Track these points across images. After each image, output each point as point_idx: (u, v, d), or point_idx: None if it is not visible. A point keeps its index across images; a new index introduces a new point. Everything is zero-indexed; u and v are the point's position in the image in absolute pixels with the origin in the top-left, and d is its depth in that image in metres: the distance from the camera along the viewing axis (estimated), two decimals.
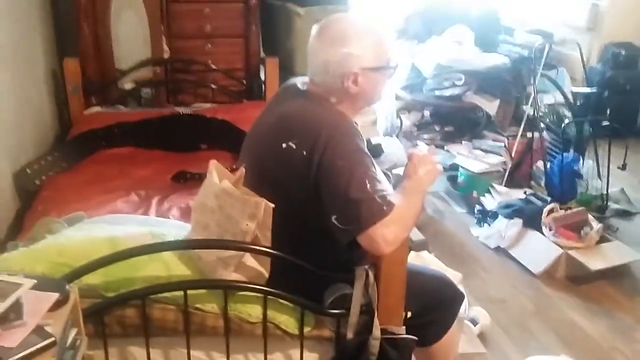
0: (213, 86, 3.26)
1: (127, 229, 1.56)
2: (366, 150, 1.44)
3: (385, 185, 1.41)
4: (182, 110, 2.89)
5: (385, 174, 2.50)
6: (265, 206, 1.38)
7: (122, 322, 1.41)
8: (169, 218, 2.00)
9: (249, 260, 1.44)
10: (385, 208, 1.34)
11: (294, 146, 1.41)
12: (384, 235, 1.33)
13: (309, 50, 1.52)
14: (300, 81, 1.59)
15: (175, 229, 1.67)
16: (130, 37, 3.06)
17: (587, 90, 3.67)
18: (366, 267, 1.43)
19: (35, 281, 1.07)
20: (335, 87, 1.47)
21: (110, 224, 1.63)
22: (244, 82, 3.31)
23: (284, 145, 1.42)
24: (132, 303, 1.40)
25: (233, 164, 2.42)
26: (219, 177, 1.47)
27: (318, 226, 1.43)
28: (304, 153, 1.39)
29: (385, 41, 1.50)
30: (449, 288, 1.71)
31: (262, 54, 3.37)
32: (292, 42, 3.30)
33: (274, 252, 1.42)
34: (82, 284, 1.35)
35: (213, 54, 3.25)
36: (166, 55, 3.14)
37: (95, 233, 1.53)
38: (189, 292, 1.40)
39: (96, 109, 3.01)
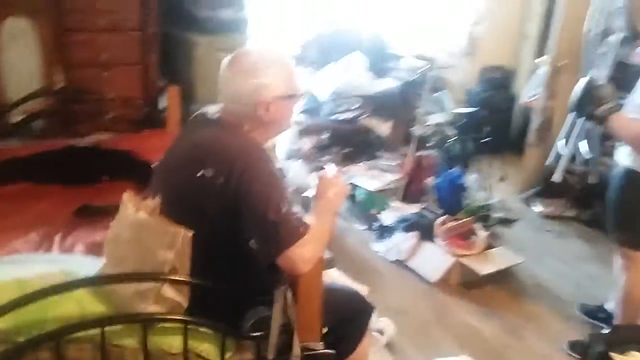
0: (110, 115, 3.19)
1: (35, 269, 1.52)
2: (279, 175, 1.53)
3: (297, 208, 1.50)
4: (77, 142, 2.80)
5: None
6: (184, 235, 1.42)
7: None
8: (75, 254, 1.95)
9: (168, 291, 1.45)
10: (301, 229, 1.42)
11: (209, 174, 1.45)
12: (302, 254, 1.41)
13: (220, 80, 1.58)
14: (210, 110, 1.64)
15: (87, 264, 1.65)
16: (22, 67, 2.93)
17: (468, 110, 4.03)
18: (284, 288, 1.50)
19: None
20: (248, 116, 1.54)
21: (16, 264, 1.57)
22: (144, 110, 3.26)
23: (199, 173, 1.46)
24: (46, 345, 1.36)
25: (137, 195, 2.41)
26: (135, 208, 1.47)
27: (236, 252, 1.49)
28: (221, 180, 1.44)
29: (293, 70, 1.61)
30: (358, 300, 1.82)
31: (162, 83, 3.35)
32: (193, 71, 3.31)
33: (194, 281, 1.45)
34: None
35: (110, 83, 3.17)
36: (60, 85, 3.03)
37: (1, 276, 1.47)
38: (106, 329, 1.39)
39: None
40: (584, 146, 2.66)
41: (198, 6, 3.20)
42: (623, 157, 2.16)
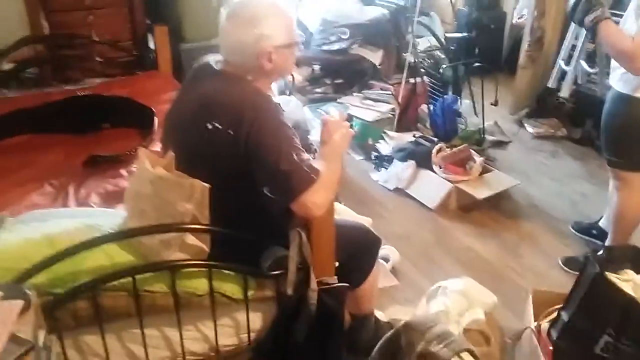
0: (99, 59, 3.16)
1: (60, 224, 1.58)
2: (287, 122, 1.56)
3: (308, 155, 1.55)
4: (75, 90, 2.79)
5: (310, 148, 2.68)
6: (201, 187, 1.47)
7: (75, 314, 1.46)
8: (90, 205, 2.01)
9: (190, 238, 1.53)
10: (312, 176, 1.48)
11: (219, 126, 1.49)
12: (314, 200, 1.47)
13: (220, 31, 1.58)
14: (213, 60, 1.65)
15: (108, 217, 1.70)
16: (5, 15, 2.86)
17: (459, 35, 4.00)
18: (298, 229, 1.58)
19: (1, 293, 1.10)
20: (251, 66, 1.56)
21: (40, 221, 1.62)
22: (134, 52, 3.22)
23: (209, 126, 1.49)
24: (83, 295, 1.44)
25: (142, 142, 2.46)
26: (151, 164, 1.52)
27: (251, 199, 1.54)
28: (230, 132, 1.48)
29: (292, 19, 1.61)
30: (367, 235, 1.92)
31: (149, 22, 3.30)
32: (180, 9, 3.24)
33: (214, 228, 1.52)
34: (28, 285, 1.37)
35: (96, 26, 3.13)
36: (46, 32, 2.97)
37: (29, 233, 1.53)
38: (137, 277, 1.47)
39: None
40: (584, 64, 2.68)
41: None
42: (615, 80, 2.19)
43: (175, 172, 1.51)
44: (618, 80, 2.17)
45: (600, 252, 2.24)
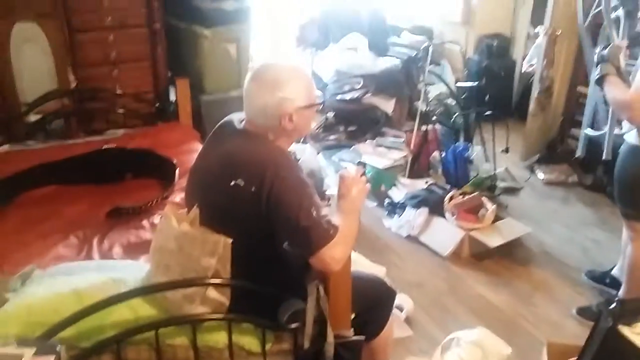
0: (122, 111, 3.29)
1: (87, 278, 1.64)
2: (307, 180, 1.63)
3: (326, 210, 1.61)
4: (99, 142, 2.90)
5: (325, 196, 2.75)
6: (224, 242, 1.54)
7: None
8: (113, 257, 2.08)
9: (212, 293, 1.59)
10: (331, 232, 1.53)
11: (242, 183, 1.56)
12: (332, 255, 1.53)
13: (245, 93, 1.68)
14: (237, 119, 1.74)
15: (133, 270, 1.77)
16: (35, 69, 3.01)
17: (470, 84, 4.11)
18: (316, 282, 1.63)
19: (35, 348, 1.16)
20: (273, 126, 1.64)
21: (67, 275, 1.69)
22: (156, 104, 3.36)
23: (232, 183, 1.56)
24: (108, 349, 1.50)
25: (164, 193, 2.54)
26: (176, 221, 1.59)
27: (271, 253, 1.61)
28: (253, 189, 1.55)
29: (311, 81, 1.70)
30: (382, 287, 1.96)
31: (170, 75, 3.44)
32: (201, 62, 3.38)
33: (235, 283, 1.58)
34: (56, 339, 1.43)
35: (121, 80, 3.27)
36: (73, 85, 3.11)
37: (57, 287, 1.60)
38: (160, 330, 1.53)
39: (4, 147, 2.94)
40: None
41: None
42: (627, 132, 2.24)
43: (200, 228, 1.58)
44: (631, 131, 2.22)
45: (614, 305, 2.26)
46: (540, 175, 3.94)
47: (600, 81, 2.19)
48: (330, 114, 4.17)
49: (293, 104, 1.62)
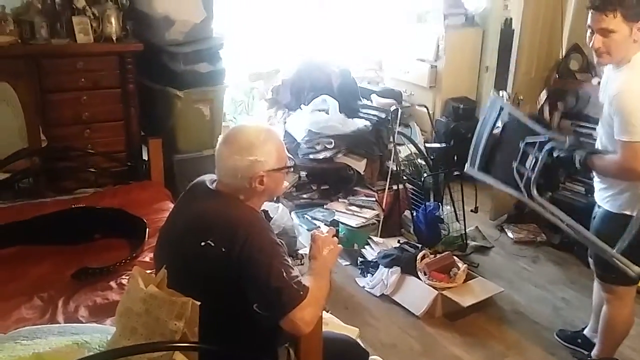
0: (93, 170, 3.27)
1: (50, 342, 1.59)
2: (278, 240, 1.63)
3: (298, 270, 1.61)
4: (72, 202, 2.87)
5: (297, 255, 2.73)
6: (192, 304, 1.51)
7: None
8: (79, 319, 2.01)
9: (179, 357, 1.54)
10: (301, 293, 1.53)
11: (212, 244, 1.55)
12: (303, 317, 1.52)
13: (216, 155, 1.70)
14: (209, 179, 1.75)
15: (97, 333, 1.72)
16: (5, 128, 3.01)
17: (438, 145, 4.22)
18: (287, 345, 1.61)
19: None
20: (244, 187, 1.66)
21: (30, 339, 1.63)
22: (128, 163, 3.35)
23: (202, 243, 1.56)
24: None
25: (133, 252, 2.50)
26: (144, 282, 1.56)
27: (240, 314, 1.59)
28: (223, 250, 1.54)
29: (282, 145, 1.73)
30: (355, 349, 1.95)
31: (143, 134, 3.45)
32: (174, 122, 3.40)
33: (203, 346, 1.54)
34: None
35: (93, 139, 3.26)
36: (44, 144, 3.10)
37: (19, 352, 1.54)
38: None
39: None
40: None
41: (176, 62, 3.31)
42: (602, 200, 2.29)
43: (168, 290, 1.55)
44: (605, 200, 2.28)
45: None
46: (510, 234, 4.00)
47: (585, 166, 2.19)
48: (303, 173, 4.20)
49: (264, 166, 1.64)
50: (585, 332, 2.73)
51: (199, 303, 1.51)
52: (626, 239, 2.15)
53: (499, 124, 2.66)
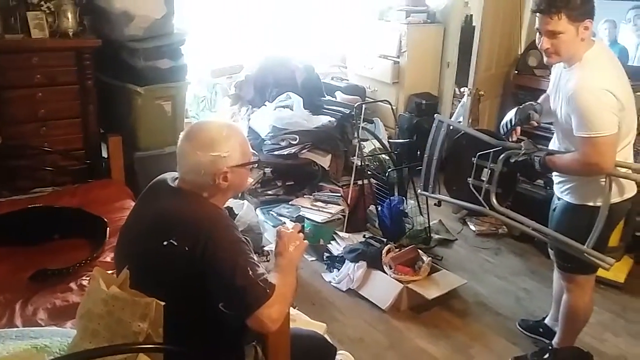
0: (50, 169, 3.18)
1: (7, 347, 1.53)
2: (242, 238, 1.61)
3: (262, 268, 1.59)
4: (29, 202, 2.78)
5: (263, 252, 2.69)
6: (156, 305, 1.48)
7: None
8: (38, 322, 1.95)
9: (143, 358, 1.51)
10: (268, 291, 1.51)
11: (175, 243, 1.52)
12: (269, 315, 1.50)
13: (178, 152, 1.66)
14: (170, 177, 1.72)
15: (57, 336, 1.67)
16: None
17: (402, 140, 4.25)
18: (254, 343, 1.59)
19: None
20: (207, 184, 1.63)
21: None
22: (86, 161, 3.26)
23: (165, 242, 1.52)
24: None
25: (93, 253, 2.44)
26: (105, 283, 1.52)
27: (206, 314, 1.56)
28: (186, 248, 1.51)
29: (245, 140, 1.71)
30: (322, 345, 1.94)
31: (102, 132, 3.37)
32: (134, 119, 3.33)
33: (168, 347, 1.51)
34: None
35: (50, 137, 3.17)
36: None
37: None
38: None
39: None
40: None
41: (136, 58, 3.23)
42: (562, 193, 2.34)
43: (130, 291, 1.51)
44: (565, 192, 2.32)
45: (547, 355, 2.33)
46: (472, 227, 4.07)
47: (545, 167, 2.24)
48: (268, 169, 4.18)
49: (227, 162, 1.62)
50: (546, 321, 2.80)
51: (163, 303, 1.48)
52: (595, 233, 2.19)
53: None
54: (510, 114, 2.43)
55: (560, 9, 2.01)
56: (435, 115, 3.21)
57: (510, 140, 2.46)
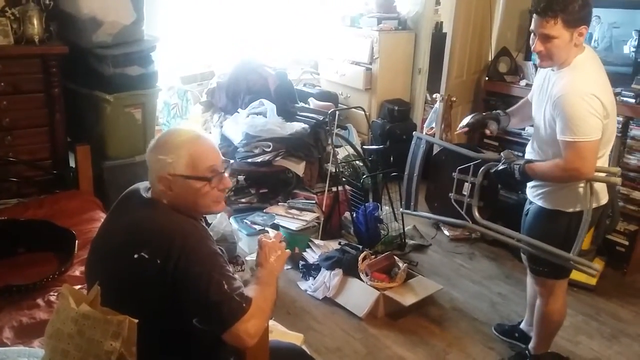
0: (15, 179, 3.07)
1: None
2: (218, 250, 1.57)
3: (239, 280, 1.55)
4: None
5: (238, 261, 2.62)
6: (129, 323, 1.42)
7: None
8: (4, 342, 1.87)
9: None
10: (244, 305, 1.46)
11: (146, 256, 1.47)
12: (246, 330, 1.45)
13: (146, 160, 1.63)
14: (143, 187, 1.66)
15: (24, 357, 1.60)
16: None
17: (375, 147, 4.26)
18: (232, 358, 1.55)
19: None
20: (159, 191, 1.58)
21: None
22: (53, 172, 3.17)
23: (136, 255, 1.47)
24: None
25: (61, 267, 2.35)
26: (75, 301, 1.46)
27: (180, 330, 1.52)
28: (158, 262, 1.46)
29: (204, 155, 1.59)
30: (301, 357, 1.90)
31: (70, 141, 3.28)
32: (103, 128, 3.24)
33: None
34: None
35: (14, 146, 3.06)
36: None
37: None
38: None
39: None
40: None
41: (105, 65, 3.15)
42: (535, 197, 2.35)
43: (102, 309, 1.46)
44: (538, 197, 2.32)
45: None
46: (446, 232, 4.09)
47: (525, 175, 2.22)
48: (241, 177, 4.13)
49: (169, 168, 1.56)
50: (521, 325, 2.82)
51: (136, 321, 1.43)
52: (579, 241, 2.19)
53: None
54: (470, 116, 2.46)
55: (557, 13, 1.99)
56: (413, 132, 3.22)
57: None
